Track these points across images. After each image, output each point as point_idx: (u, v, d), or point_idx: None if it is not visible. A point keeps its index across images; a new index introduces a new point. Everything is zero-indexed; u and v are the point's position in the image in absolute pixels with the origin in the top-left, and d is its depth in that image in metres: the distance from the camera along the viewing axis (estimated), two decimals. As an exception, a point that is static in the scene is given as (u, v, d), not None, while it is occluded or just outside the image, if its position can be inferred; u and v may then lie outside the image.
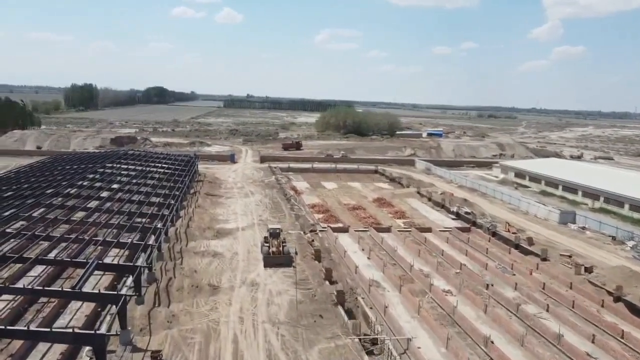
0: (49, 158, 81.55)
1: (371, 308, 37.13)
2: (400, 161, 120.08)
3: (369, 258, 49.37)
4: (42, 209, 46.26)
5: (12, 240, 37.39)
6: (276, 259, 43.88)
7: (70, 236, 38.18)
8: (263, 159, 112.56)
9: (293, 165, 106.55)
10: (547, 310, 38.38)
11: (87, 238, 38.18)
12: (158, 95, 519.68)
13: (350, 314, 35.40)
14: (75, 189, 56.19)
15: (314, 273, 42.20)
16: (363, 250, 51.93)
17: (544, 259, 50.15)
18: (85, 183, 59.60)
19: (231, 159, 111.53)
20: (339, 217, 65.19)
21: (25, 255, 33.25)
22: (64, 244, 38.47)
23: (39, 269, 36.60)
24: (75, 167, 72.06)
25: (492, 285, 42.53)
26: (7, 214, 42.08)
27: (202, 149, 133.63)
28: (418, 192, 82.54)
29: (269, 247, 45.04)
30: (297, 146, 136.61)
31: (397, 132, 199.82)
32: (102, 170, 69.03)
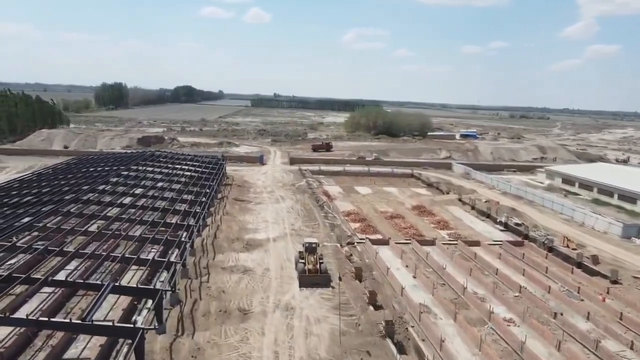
0: (74, 159, 78.79)
1: (424, 340, 32.17)
2: (436, 164, 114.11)
3: (414, 277, 44.26)
4: (59, 218, 42.67)
5: (21, 255, 33.68)
6: (313, 278, 39.22)
7: (86, 252, 34.23)
8: (293, 161, 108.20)
9: (324, 167, 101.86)
10: (632, 348, 32.72)
11: (104, 254, 34.13)
12: (186, 95, 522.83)
13: (401, 348, 30.51)
14: (96, 194, 52.65)
15: (356, 296, 37.40)
16: (407, 267, 46.83)
17: (615, 282, 44.24)
18: (107, 187, 56.06)
19: (260, 160, 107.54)
20: (377, 226, 60.16)
21: (33, 276, 29.39)
22: (78, 260, 34.54)
23: (47, 290, 32.74)
24: (100, 169, 68.90)
25: (561, 314, 36.98)
26: (20, 224, 38.52)
27: (230, 149, 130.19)
28: (460, 200, 76.82)
29: (304, 264, 40.45)
30: (327, 147, 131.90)
31: (429, 133, 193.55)
32: (126, 173, 65.58)
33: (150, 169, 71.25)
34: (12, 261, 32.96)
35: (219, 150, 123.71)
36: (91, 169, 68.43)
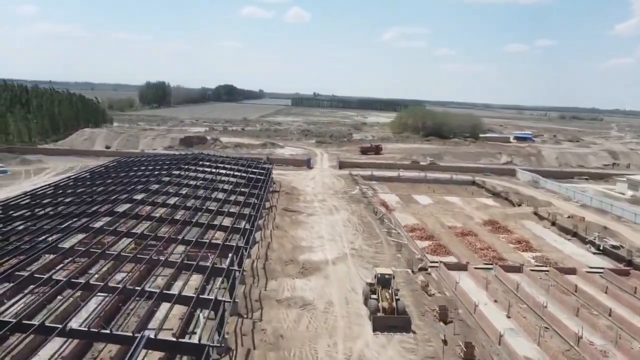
0: (113, 162, 74.05)
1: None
2: (498, 170, 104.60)
3: (508, 317, 36.23)
4: (81, 236, 36.72)
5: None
6: (389, 320, 31.83)
7: (103, 285, 27.88)
8: (342, 165, 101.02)
9: (376, 172, 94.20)
10: None
11: (131, 287, 27.79)
12: (227, 94, 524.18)
13: None
14: (129, 205, 46.84)
15: (446, 347, 29.82)
16: (496, 301, 38.81)
17: None
18: (143, 197, 50.20)
19: (307, 164, 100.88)
20: (448, 246, 52.16)
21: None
22: (95, 301, 28.38)
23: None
24: (140, 173, 63.56)
25: None
26: (44, 244, 32.73)
27: (274, 151, 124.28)
28: (536, 214, 67.78)
29: (377, 300, 33.14)
30: (377, 150, 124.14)
31: (481, 135, 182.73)
32: (167, 179, 59.89)
33: (192, 174, 65.44)
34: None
35: (264, 152, 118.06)
36: (131, 174, 63.17)
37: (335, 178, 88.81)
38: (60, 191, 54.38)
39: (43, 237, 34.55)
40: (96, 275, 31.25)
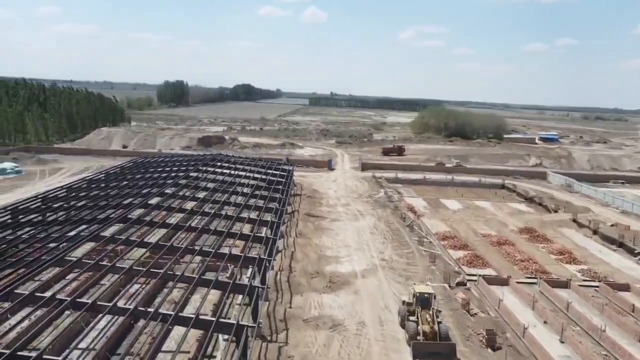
0: (129, 162, 71.48)
1: None
2: (527, 173, 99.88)
3: (562, 341, 32.34)
4: (90, 245, 33.79)
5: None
6: (431, 346, 28.20)
7: (110, 306, 24.74)
8: (364, 167, 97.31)
9: (401, 175, 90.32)
10: None
11: (142, 309, 24.66)
12: (245, 93, 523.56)
13: None
14: (144, 211, 43.84)
15: (499, 380, 26.18)
16: (546, 323, 34.92)
17: None
18: (158, 201, 47.26)
19: (328, 165, 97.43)
20: (485, 257, 48.25)
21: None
22: (103, 321, 25.31)
23: None
24: (156, 175, 60.77)
25: None
26: (39, 258, 29.73)
27: (293, 151, 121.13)
28: (574, 221, 63.40)
29: (416, 323, 29.54)
30: (399, 151, 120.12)
31: (506, 136, 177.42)
32: (183, 181, 56.97)
33: (211, 176, 62.47)
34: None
35: (283, 153, 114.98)
36: (147, 175, 60.40)
37: (358, 180, 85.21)
38: (73, 194, 51.76)
39: (50, 248, 31.65)
40: (105, 292, 28.25)
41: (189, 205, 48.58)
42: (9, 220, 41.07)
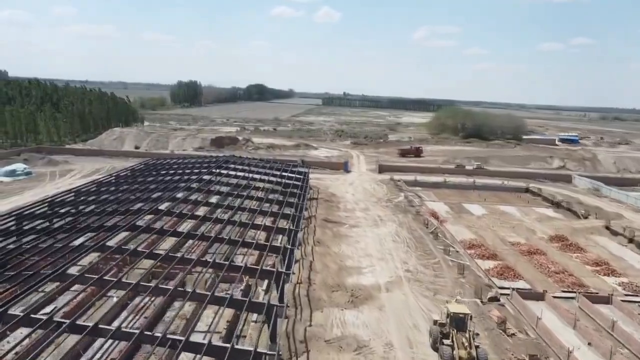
0: (141, 164, 69.30)
1: None
2: (551, 176, 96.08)
3: (611, 367, 29.28)
4: (94, 255, 31.38)
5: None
6: (470, 374, 25.36)
7: (114, 331, 22.20)
8: (381, 169, 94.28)
9: (420, 178, 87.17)
10: None
11: (149, 333, 22.09)
12: (258, 93, 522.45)
13: None
14: (153, 217, 41.44)
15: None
16: (590, 344, 31.82)
17: None
18: (169, 207, 44.81)
19: (345, 167, 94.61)
20: (516, 267, 45.11)
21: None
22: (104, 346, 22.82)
23: None
24: (167, 178, 58.43)
25: None
26: (38, 273, 27.30)
27: (308, 152, 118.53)
28: (607, 228, 59.89)
29: (451, 347, 26.66)
30: (417, 153, 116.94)
31: (524, 137, 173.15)
32: (195, 185, 54.54)
33: (224, 179, 59.99)
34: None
35: (297, 154, 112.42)
36: (158, 179, 58.09)
37: (376, 183, 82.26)
38: (82, 198, 49.50)
39: (51, 260, 29.27)
40: (109, 310, 25.80)
41: (201, 211, 46.13)
42: (13, 227, 38.92)
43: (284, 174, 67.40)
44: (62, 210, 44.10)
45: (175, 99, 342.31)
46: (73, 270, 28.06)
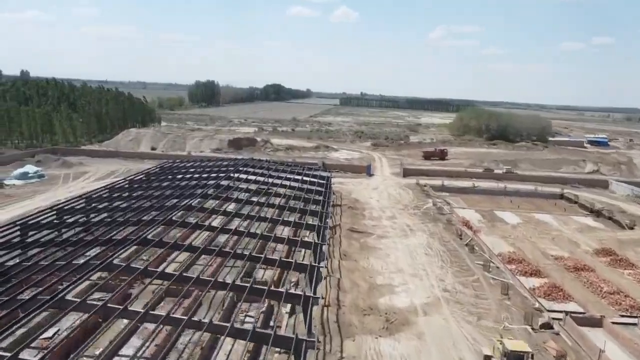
0: (156, 168, 66.29)
1: None
2: (586, 181, 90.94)
3: (697, 415, 25.06)
4: (100, 275, 28.09)
5: None
6: None
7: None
8: (406, 172, 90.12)
9: (447, 182, 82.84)
10: None
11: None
12: (275, 93, 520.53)
13: None
14: (164, 228, 38.19)
15: None
16: (665, 385, 27.63)
17: None
18: (184, 217, 41.53)
19: (367, 171, 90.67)
20: (563, 286, 40.82)
21: None
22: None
23: None
24: (184, 184, 55.26)
25: None
26: (35, 298, 24.05)
27: (328, 154, 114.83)
28: (657, 240, 55.14)
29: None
30: (442, 155, 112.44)
31: (551, 139, 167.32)
32: (212, 191, 51.22)
33: (244, 185, 56.58)
34: None
35: (317, 156, 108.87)
36: (174, 184, 54.93)
37: (401, 188, 78.20)
38: (93, 205, 46.51)
39: (51, 282, 26.06)
40: (116, 338, 22.45)
41: (217, 221, 42.91)
42: (17, 239, 35.98)
43: (305, 178, 63.76)
44: (71, 220, 41.07)
45: (193, 99, 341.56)
46: (73, 295, 24.78)
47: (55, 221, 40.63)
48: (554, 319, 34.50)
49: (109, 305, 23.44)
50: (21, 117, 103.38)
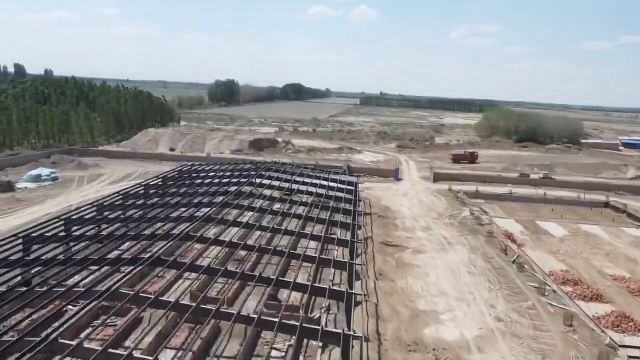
0: (173, 172, 62.49)
1: None
2: (629, 188, 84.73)
3: None
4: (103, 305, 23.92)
5: None
6: None
7: None
8: (437, 178, 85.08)
9: (482, 189, 77.57)
10: None
11: None
12: (295, 92, 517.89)
13: None
14: (179, 244, 34.12)
15: None
16: None
17: None
18: (200, 231, 37.54)
19: (395, 175, 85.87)
20: (633, 315, 35.71)
21: None
22: None
23: None
24: (203, 190, 51.25)
25: None
26: (24, 340, 20.06)
27: (352, 156, 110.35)
28: None
29: None
30: (472, 158, 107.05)
31: (583, 142, 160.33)
32: (233, 199, 47.14)
33: (267, 191, 52.33)
34: None
35: (340, 159, 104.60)
36: (191, 191, 50.98)
37: (433, 195, 73.25)
38: (105, 213, 42.94)
39: (46, 318, 22.12)
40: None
41: (238, 235, 38.75)
42: (19, 254, 32.33)
43: (332, 184, 59.21)
44: (79, 232, 37.40)
45: (213, 98, 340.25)
46: (68, 336, 20.75)
47: (61, 234, 37.04)
48: (630, 357, 29.61)
49: (109, 350, 19.31)
50: (38, 116, 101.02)
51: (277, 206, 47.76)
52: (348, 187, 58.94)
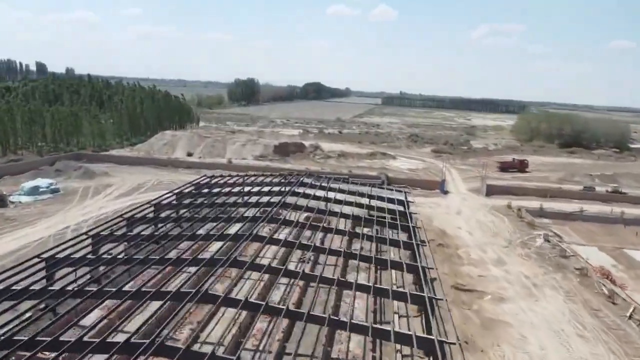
0: (190, 187, 52.58)
1: None
2: None
3: None
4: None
5: None
6: None
7: None
8: (490, 191, 74.36)
9: (546, 204, 66.71)
10: None
11: None
12: (315, 92, 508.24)
13: None
14: (194, 290, 24.34)
15: None
16: None
17: None
18: (222, 268, 27.75)
19: (441, 187, 75.63)
20: None
21: None
22: None
23: None
24: (221, 215, 41.36)
25: None
26: None
27: (386, 162, 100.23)
28: None
29: None
30: (522, 167, 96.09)
31: (632, 147, 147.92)
32: (264, 230, 37.22)
33: (303, 213, 42.29)
34: None
35: (374, 166, 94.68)
36: (211, 214, 41.27)
37: (491, 213, 62.71)
38: (103, 250, 33.42)
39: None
40: None
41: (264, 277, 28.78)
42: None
43: (380, 204, 49.00)
44: (58, 275, 28.05)
45: (232, 97, 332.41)
46: None
47: (38, 280, 27.67)
48: None
49: None
50: (44, 117, 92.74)
51: (315, 239, 37.70)
52: (399, 208, 48.58)
